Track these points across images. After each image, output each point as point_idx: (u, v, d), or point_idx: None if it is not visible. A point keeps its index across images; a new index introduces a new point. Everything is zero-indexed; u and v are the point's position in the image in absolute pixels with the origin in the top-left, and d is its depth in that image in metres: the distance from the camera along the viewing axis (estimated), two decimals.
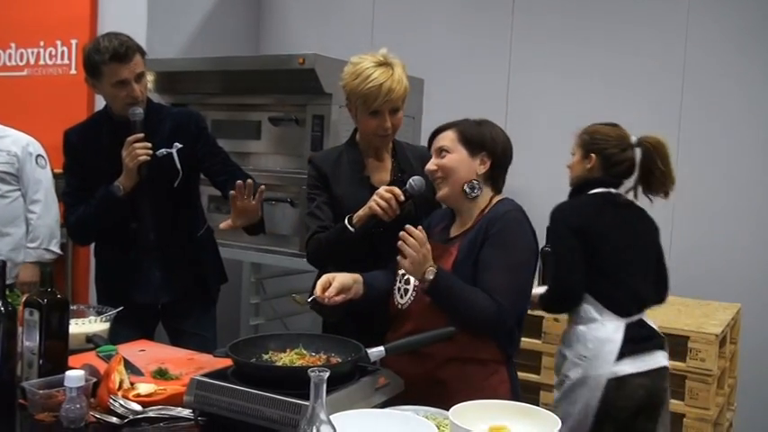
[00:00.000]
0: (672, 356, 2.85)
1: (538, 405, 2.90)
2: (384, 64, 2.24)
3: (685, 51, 3.80)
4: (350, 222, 2.17)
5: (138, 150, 2.48)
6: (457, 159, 1.98)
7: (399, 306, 1.98)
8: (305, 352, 1.82)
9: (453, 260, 1.94)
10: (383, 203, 2.10)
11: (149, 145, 2.50)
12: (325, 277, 1.98)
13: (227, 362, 1.77)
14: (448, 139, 2.01)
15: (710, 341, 2.76)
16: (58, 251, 3.56)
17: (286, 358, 1.78)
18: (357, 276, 2.04)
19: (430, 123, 3.88)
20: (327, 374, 1.30)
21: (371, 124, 2.26)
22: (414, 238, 1.85)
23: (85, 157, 2.63)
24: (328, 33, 4.64)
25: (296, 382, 1.53)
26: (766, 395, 3.63)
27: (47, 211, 3.50)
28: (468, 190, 1.97)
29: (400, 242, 1.86)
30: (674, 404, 2.82)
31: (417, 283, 1.94)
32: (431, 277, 1.85)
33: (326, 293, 1.94)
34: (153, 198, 2.61)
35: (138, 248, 2.65)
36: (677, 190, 3.78)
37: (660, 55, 3.85)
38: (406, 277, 1.98)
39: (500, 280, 1.87)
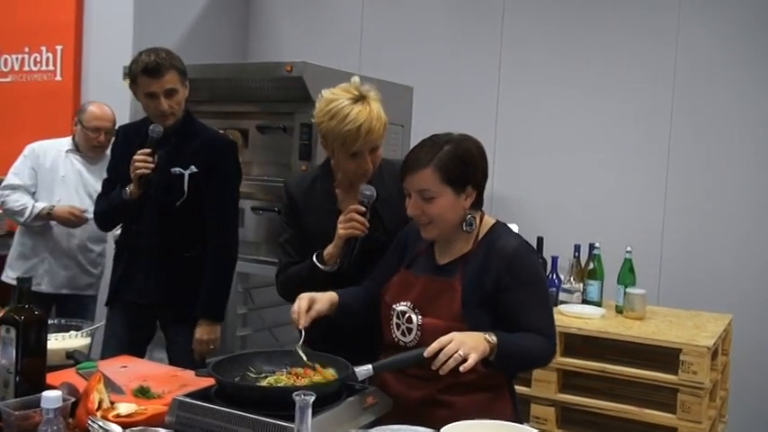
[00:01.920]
0: (663, 369, 2.84)
1: (529, 418, 2.90)
2: (360, 99, 2.10)
3: (675, 61, 3.79)
4: (319, 260, 2.11)
5: (138, 164, 2.62)
6: (445, 204, 1.84)
7: (402, 344, 1.89)
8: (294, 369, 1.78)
9: (460, 297, 1.84)
10: (350, 224, 2.06)
11: (150, 160, 2.64)
12: (306, 300, 1.91)
13: (212, 380, 1.72)
14: (429, 181, 1.83)
15: (703, 354, 2.73)
16: None
17: (271, 378, 1.74)
18: (334, 299, 1.96)
19: (419, 131, 3.89)
20: (312, 398, 1.27)
21: (350, 166, 2.15)
22: (438, 347, 1.70)
23: (120, 156, 2.81)
24: (317, 41, 4.61)
25: (281, 402, 1.49)
26: (757, 405, 3.62)
27: None
28: (467, 228, 1.89)
29: (438, 359, 1.68)
30: (666, 417, 2.79)
31: (420, 321, 1.86)
32: (490, 355, 1.73)
33: (301, 324, 1.88)
34: (157, 209, 2.74)
35: (133, 249, 2.82)
36: (668, 201, 3.82)
37: (650, 64, 3.84)
38: (407, 316, 1.88)
39: (540, 316, 1.85)
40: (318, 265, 2.11)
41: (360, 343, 1.94)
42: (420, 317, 1.86)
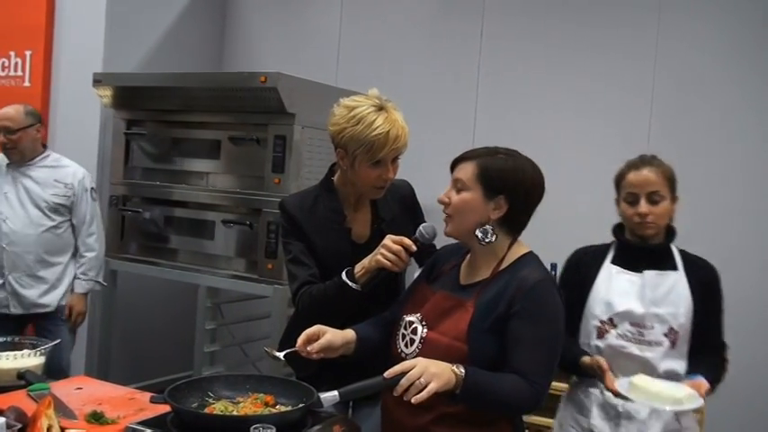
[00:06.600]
0: None
1: None
2: (381, 108, 2.06)
3: (654, 77, 3.76)
4: (350, 277, 1.98)
5: None
6: (469, 200, 1.79)
7: (404, 355, 1.80)
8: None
9: (470, 319, 1.74)
10: (392, 257, 1.92)
11: None
12: (314, 328, 1.82)
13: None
14: (467, 172, 1.80)
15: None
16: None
17: (227, 405, 1.65)
18: (349, 336, 1.87)
19: None
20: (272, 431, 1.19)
21: (372, 175, 2.05)
22: (401, 370, 1.61)
23: None
24: (294, 52, 4.54)
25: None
26: None
27: (100, 244, 3.62)
28: (480, 236, 1.79)
29: (401, 384, 1.59)
30: None
31: (425, 334, 1.78)
32: (456, 389, 1.63)
33: (309, 348, 1.78)
34: None
35: None
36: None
37: (629, 80, 3.80)
38: (413, 326, 1.81)
39: (531, 358, 1.70)
40: (349, 283, 1.97)
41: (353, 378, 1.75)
42: (425, 330, 1.79)
